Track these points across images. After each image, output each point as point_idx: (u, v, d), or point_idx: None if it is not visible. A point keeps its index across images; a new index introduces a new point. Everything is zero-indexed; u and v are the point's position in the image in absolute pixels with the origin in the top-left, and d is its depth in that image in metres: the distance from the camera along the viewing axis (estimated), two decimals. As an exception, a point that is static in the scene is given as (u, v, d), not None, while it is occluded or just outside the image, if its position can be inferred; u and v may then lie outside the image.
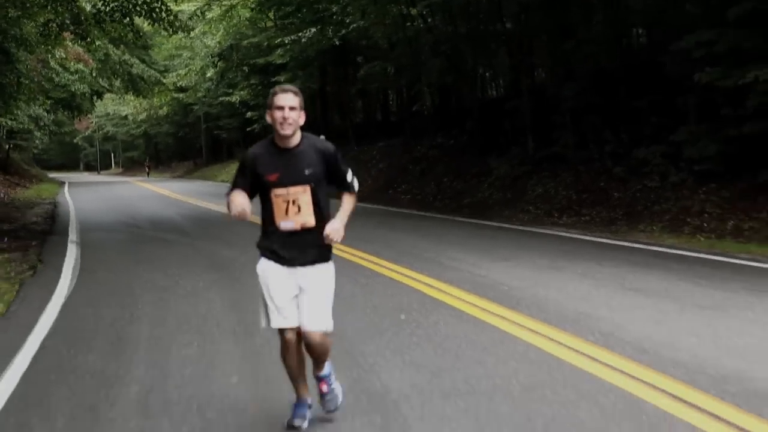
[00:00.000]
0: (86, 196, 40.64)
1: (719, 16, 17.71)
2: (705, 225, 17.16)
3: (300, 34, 34.49)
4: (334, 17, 32.29)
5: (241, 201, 5.41)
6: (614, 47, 23.23)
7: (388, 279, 11.81)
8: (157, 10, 26.23)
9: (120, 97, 72.24)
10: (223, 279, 12.48)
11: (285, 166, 5.48)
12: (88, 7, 26.89)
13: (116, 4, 26.10)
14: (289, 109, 5.44)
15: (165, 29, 27.53)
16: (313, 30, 33.97)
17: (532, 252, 14.50)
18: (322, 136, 5.73)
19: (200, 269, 13.58)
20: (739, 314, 8.90)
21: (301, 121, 5.53)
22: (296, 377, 5.75)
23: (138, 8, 26.21)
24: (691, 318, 8.77)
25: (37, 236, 20.02)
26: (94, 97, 53.11)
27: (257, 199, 5.62)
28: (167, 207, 29.90)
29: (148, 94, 52.58)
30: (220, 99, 56.34)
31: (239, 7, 42.25)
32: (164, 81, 55.05)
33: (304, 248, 5.50)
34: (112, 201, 35.46)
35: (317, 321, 5.50)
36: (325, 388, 5.80)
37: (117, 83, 49.25)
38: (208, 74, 54.25)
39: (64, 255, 15.95)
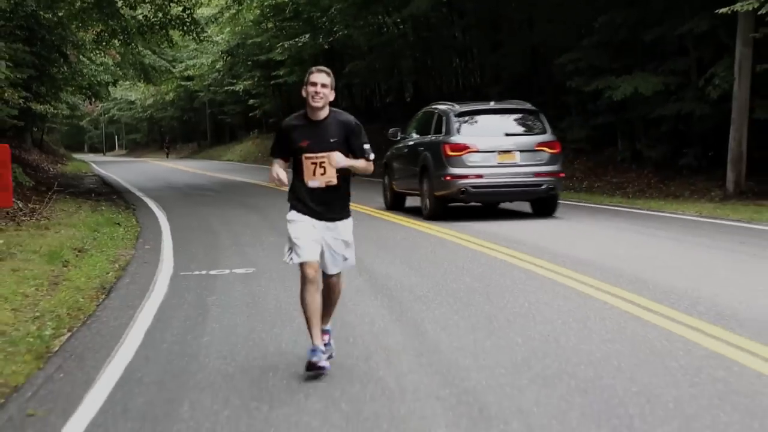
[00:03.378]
0: (118, 171, 48.70)
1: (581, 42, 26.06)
2: (573, 185, 25.45)
3: (296, 39, 42.65)
4: (324, 26, 40.37)
5: (277, 170, 6.65)
6: (528, 59, 31.55)
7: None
8: (188, 23, 34.25)
9: (132, 84, 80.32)
10: (252, 211, 20.71)
11: (314, 135, 6.48)
12: (134, 21, 35.00)
13: (156, 19, 34.10)
14: (321, 85, 6.39)
15: (193, 39, 35.76)
16: (307, 36, 42.10)
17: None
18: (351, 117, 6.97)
19: (236, 208, 21.85)
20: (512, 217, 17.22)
21: (331, 97, 6.50)
22: (312, 321, 6.55)
23: (173, 23, 34.22)
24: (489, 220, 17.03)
25: (110, 194, 28.19)
26: (110, 85, 60.26)
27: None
28: (193, 178, 38.27)
29: (158, 81, 60.47)
30: (226, 88, 64.38)
31: (245, 11, 50.21)
32: (173, 70, 63.11)
33: (328, 203, 6.58)
34: (143, 174, 43.66)
35: (338, 267, 6.76)
36: (326, 338, 6.72)
37: (131, 72, 57.00)
38: (217, 66, 62.12)
39: (142, 201, 24.23)
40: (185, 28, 34.49)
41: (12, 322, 8.64)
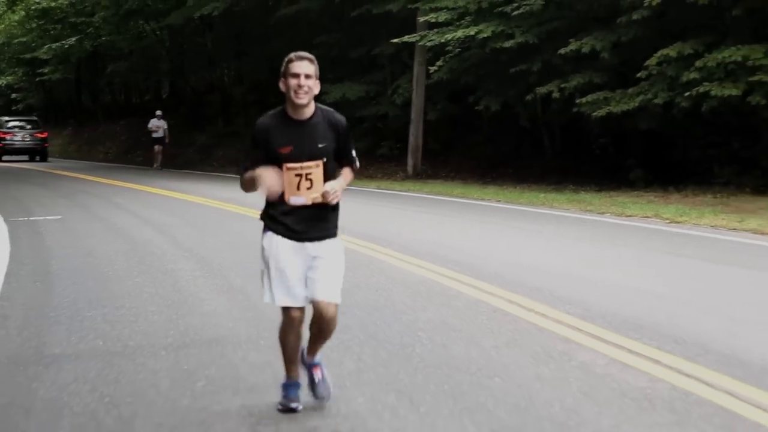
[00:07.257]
0: None
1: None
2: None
3: (63, 42, 47.36)
4: (90, 32, 45.42)
5: (272, 175, 5.16)
6: (267, 66, 38.17)
7: (120, 188, 25.75)
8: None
9: None
10: (39, 187, 26.06)
11: (299, 139, 5.26)
12: None
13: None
14: (305, 77, 5.23)
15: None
16: (73, 39, 46.89)
17: (193, 181, 28.86)
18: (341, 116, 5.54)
19: (25, 185, 27.06)
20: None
21: (316, 90, 5.34)
22: (292, 358, 5.55)
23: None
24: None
25: None
26: None
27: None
28: (-31, 164, 42.45)
29: None
30: (-14, 82, 67.36)
31: (9, 13, 54.10)
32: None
33: (314, 222, 5.35)
34: None
35: (333, 292, 5.33)
36: (319, 374, 5.58)
37: None
38: (-20, 61, 65.09)
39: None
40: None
41: None
